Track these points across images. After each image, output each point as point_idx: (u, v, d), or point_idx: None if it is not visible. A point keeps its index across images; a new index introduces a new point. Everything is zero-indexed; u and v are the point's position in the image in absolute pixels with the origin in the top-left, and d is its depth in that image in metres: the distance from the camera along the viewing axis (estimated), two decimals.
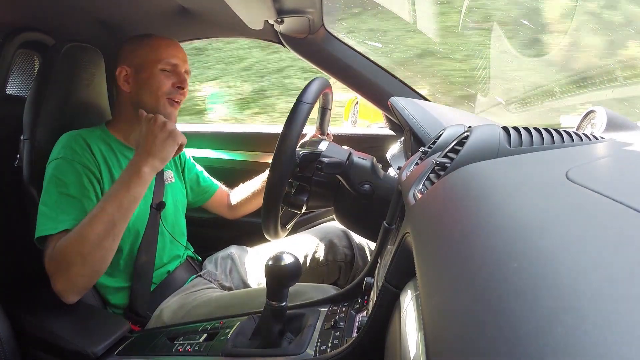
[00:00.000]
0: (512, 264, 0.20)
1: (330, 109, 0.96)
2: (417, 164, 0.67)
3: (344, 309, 0.68)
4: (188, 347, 0.67)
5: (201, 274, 1.05)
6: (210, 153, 1.49)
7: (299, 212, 0.87)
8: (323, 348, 0.57)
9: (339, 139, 1.19)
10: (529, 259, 0.20)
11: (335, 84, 1.29)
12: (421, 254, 0.32)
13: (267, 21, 1.07)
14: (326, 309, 0.70)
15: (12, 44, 0.97)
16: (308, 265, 1.06)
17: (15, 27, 0.97)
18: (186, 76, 0.96)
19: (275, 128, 1.52)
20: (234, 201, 1.19)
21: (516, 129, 0.47)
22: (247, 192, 1.16)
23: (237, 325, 0.69)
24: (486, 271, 0.21)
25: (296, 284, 0.64)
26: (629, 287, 0.16)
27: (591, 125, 0.80)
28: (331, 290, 0.88)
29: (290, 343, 0.62)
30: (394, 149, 1.21)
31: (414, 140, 0.90)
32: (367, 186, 0.82)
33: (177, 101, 0.95)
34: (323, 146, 0.84)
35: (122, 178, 0.79)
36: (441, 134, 0.70)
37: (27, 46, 1.02)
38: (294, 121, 0.72)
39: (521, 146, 0.45)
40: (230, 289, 1.04)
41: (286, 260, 0.59)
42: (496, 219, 0.26)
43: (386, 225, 0.69)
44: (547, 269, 0.18)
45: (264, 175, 1.13)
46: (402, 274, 0.42)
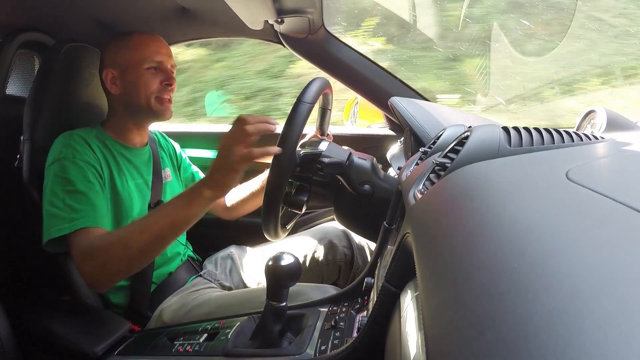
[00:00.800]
0: (512, 264, 0.20)
1: (330, 109, 0.96)
2: (417, 164, 0.67)
3: (344, 309, 0.68)
4: (188, 347, 0.67)
5: (201, 274, 1.05)
6: (208, 153, 1.48)
7: (299, 212, 0.87)
8: (323, 348, 0.57)
9: (339, 139, 1.19)
10: (529, 259, 0.20)
11: (335, 84, 1.29)
12: (421, 254, 0.32)
13: (267, 21, 1.07)
14: (326, 309, 0.70)
15: (12, 44, 0.97)
16: (308, 265, 1.06)
17: (15, 27, 0.97)
18: (173, 71, 0.96)
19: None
20: (229, 202, 1.18)
21: (516, 129, 0.47)
22: (244, 193, 1.16)
23: (237, 325, 0.69)
24: (486, 271, 0.21)
25: (296, 284, 0.64)
26: (629, 287, 0.16)
27: (591, 125, 0.80)
28: (331, 290, 0.88)
29: (290, 343, 0.62)
30: (394, 149, 1.21)
31: (414, 140, 0.90)
32: (367, 186, 0.82)
33: (167, 98, 0.94)
34: (323, 146, 0.84)
35: (182, 196, 0.75)
36: (441, 134, 0.70)
37: (27, 46, 1.02)
38: (294, 121, 0.72)
39: (521, 146, 0.45)
40: (230, 288, 1.04)
41: (286, 261, 0.59)
42: (496, 219, 0.26)
43: (386, 226, 0.69)
44: (547, 269, 0.18)
45: (262, 176, 1.13)
46: (402, 274, 0.42)
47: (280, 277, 0.59)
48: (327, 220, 1.29)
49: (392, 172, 1.13)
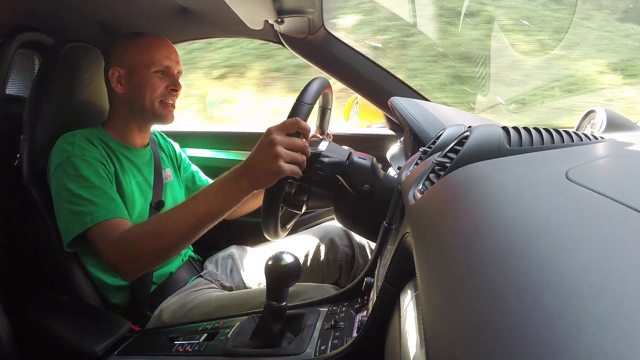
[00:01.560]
0: (512, 263, 0.20)
1: (330, 109, 0.96)
2: (417, 163, 0.67)
3: (344, 309, 0.68)
4: (188, 347, 0.67)
5: (202, 274, 1.05)
6: (208, 153, 1.48)
7: (299, 213, 0.87)
8: (323, 348, 0.58)
9: (339, 139, 1.19)
10: (528, 258, 0.20)
11: (335, 84, 1.29)
12: (421, 254, 0.32)
13: (267, 21, 1.07)
14: (326, 309, 0.70)
15: (12, 44, 0.97)
16: (309, 264, 1.06)
17: (15, 27, 0.97)
18: (179, 76, 0.97)
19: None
20: None
21: (516, 129, 0.47)
22: None
23: (237, 325, 0.69)
24: (486, 271, 0.21)
25: (296, 283, 0.64)
26: (629, 287, 0.16)
27: (591, 125, 0.80)
28: (331, 289, 0.88)
29: (290, 343, 0.62)
30: (394, 149, 1.21)
31: (414, 140, 0.90)
32: (367, 186, 0.82)
33: (171, 103, 0.95)
34: (323, 146, 0.84)
35: (219, 185, 0.73)
36: (441, 134, 0.70)
37: (27, 46, 1.02)
38: None
39: (521, 146, 0.45)
40: (230, 288, 1.04)
41: (286, 260, 0.59)
42: (496, 219, 0.26)
43: (386, 225, 0.69)
44: (546, 269, 0.18)
45: None
46: (402, 274, 0.42)
47: (280, 277, 0.59)
48: (328, 219, 1.29)
49: (392, 171, 1.13)
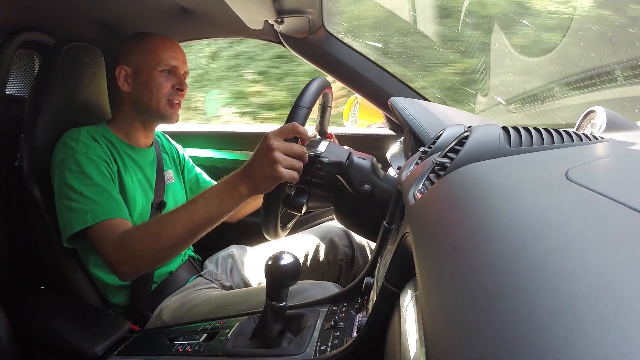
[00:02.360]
0: (512, 264, 0.20)
1: (331, 107, 0.96)
2: (417, 164, 0.67)
3: (343, 309, 0.68)
4: (188, 347, 0.67)
5: (202, 273, 1.05)
6: (209, 153, 1.49)
7: (298, 214, 0.87)
8: (323, 348, 0.57)
9: (339, 139, 1.19)
10: (528, 259, 0.20)
11: (335, 83, 1.28)
12: (421, 253, 0.32)
13: (267, 21, 1.07)
14: (326, 309, 0.70)
15: (12, 44, 0.97)
16: (308, 264, 1.06)
17: (15, 27, 0.97)
18: (186, 77, 0.97)
19: (275, 128, 1.51)
20: None
21: (516, 129, 0.47)
22: None
23: (237, 325, 0.69)
24: (486, 271, 0.21)
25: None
26: (628, 287, 0.16)
27: (591, 125, 0.80)
28: (331, 287, 0.88)
29: (290, 343, 0.62)
30: (394, 149, 1.21)
31: (414, 140, 0.90)
32: (367, 186, 0.82)
33: (177, 102, 0.95)
34: (323, 146, 0.84)
35: (217, 190, 0.73)
36: (441, 134, 0.70)
37: (27, 46, 1.02)
38: None
39: (521, 146, 0.45)
40: (230, 288, 1.04)
41: (286, 260, 0.59)
42: (496, 219, 0.26)
43: (386, 225, 0.69)
44: (546, 269, 0.18)
45: None
46: (402, 273, 0.42)
47: (280, 276, 0.59)
48: (328, 219, 1.29)
49: (392, 172, 1.13)
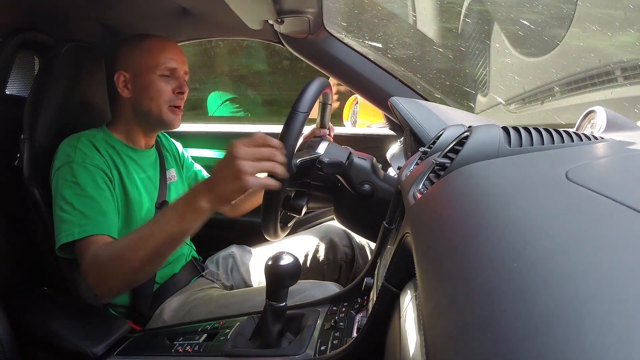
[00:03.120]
0: (512, 264, 0.20)
1: (330, 104, 0.97)
2: (417, 164, 0.67)
3: (343, 309, 0.68)
4: (188, 348, 0.67)
5: (203, 274, 1.05)
6: (210, 153, 1.49)
7: (298, 216, 0.87)
8: (323, 348, 0.57)
9: (339, 139, 1.19)
10: (528, 259, 0.20)
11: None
12: (421, 254, 0.32)
13: (267, 21, 1.07)
14: (326, 309, 0.70)
15: (12, 44, 0.97)
16: (309, 264, 1.06)
17: (15, 27, 0.97)
18: (186, 77, 0.96)
19: (275, 128, 1.52)
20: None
21: (516, 129, 0.47)
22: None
23: (236, 325, 0.69)
24: (486, 271, 0.21)
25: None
26: (628, 287, 0.16)
27: (591, 125, 0.80)
28: (332, 286, 0.88)
29: (290, 343, 0.62)
30: (394, 149, 1.21)
31: (414, 140, 0.90)
32: (367, 186, 0.82)
33: (178, 106, 0.94)
34: (322, 147, 0.84)
35: (176, 207, 0.71)
36: (441, 134, 0.69)
37: (27, 46, 1.02)
38: (288, 133, 0.71)
39: (521, 146, 0.45)
40: (231, 287, 1.04)
41: (285, 261, 0.59)
42: (496, 219, 0.26)
43: (386, 225, 0.69)
44: (546, 269, 0.18)
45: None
46: (402, 274, 0.42)
47: (280, 277, 0.59)
48: (328, 219, 1.29)
49: (392, 172, 1.13)
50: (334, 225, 1.14)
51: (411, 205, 0.45)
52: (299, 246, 1.08)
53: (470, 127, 0.53)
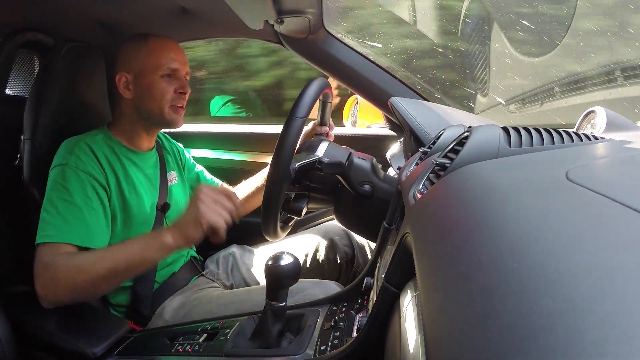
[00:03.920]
0: (512, 264, 0.20)
1: (331, 102, 0.97)
2: (417, 164, 0.67)
3: (343, 309, 0.68)
4: (188, 347, 0.67)
5: (203, 273, 1.05)
6: (210, 153, 1.49)
7: (298, 217, 0.87)
8: (323, 348, 0.57)
9: (339, 139, 1.19)
10: (528, 259, 0.20)
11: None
12: (421, 254, 0.32)
13: (267, 21, 1.07)
14: (326, 309, 0.70)
15: (12, 44, 0.97)
16: (309, 264, 1.06)
17: (15, 27, 0.97)
18: (187, 78, 0.96)
19: (275, 128, 1.52)
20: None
21: (516, 129, 0.47)
22: (248, 189, 1.16)
23: (237, 325, 0.69)
24: (486, 271, 0.21)
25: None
26: (628, 287, 0.16)
27: (591, 126, 0.80)
28: (332, 285, 0.88)
29: (290, 343, 0.62)
30: (394, 149, 1.21)
31: (414, 141, 0.90)
32: (367, 186, 0.82)
33: (181, 106, 0.94)
34: (322, 148, 0.84)
35: (145, 237, 0.78)
36: (441, 134, 0.69)
37: (27, 46, 1.02)
38: (286, 139, 0.71)
39: (521, 146, 0.45)
40: (231, 287, 1.04)
41: (286, 261, 0.59)
42: (496, 219, 0.26)
43: (386, 226, 0.69)
44: (546, 269, 0.18)
45: (265, 171, 1.13)
46: (402, 274, 0.42)
47: (280, 277, 0.59)
48: (328, 219, 1.29)
49: (392, 172, 1.13)
50: (334, 225, 1.14)
51: (411, 206, 0.45)
52: (299, 246, 1.08)
53: (470, 127, 0.53)
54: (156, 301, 0.93)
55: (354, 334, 0.59)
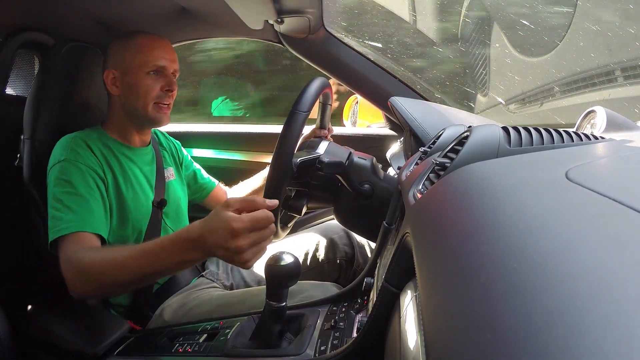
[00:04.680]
0: (512, 264, 0.20)
1: (330, 104, 0.97)
2: (417, 164, 0.67)
3: (343, 309, 0.68)
4: (188, 348, 0.67)
5: (203, 273, 1.05)
6: (209, 153, 1.49)
7: (298, 216, 0.87)
8: (323, 348, 0.57)
9: (339, 139, 1.19)
10: (528, 259, 0.20)
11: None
12: (421, 254, 0.32)
13: (267, 21, 1.07)
14: (326, 309, 0.70)
15: (12, 44, 0.97)
16: (309, 264, 1.06)
17: (15, 27, 0.97)
18: (175, 75, 0.95)
19: (275, 128, 1.52)
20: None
21: (516, 129, 0.47)
22: (247, 189, 1.16)
23: (237, 325, 0.69)
24: (486, 271, 0.21)
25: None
26: (628, 287, 0.16)
27: (591, 125, 0.80)
28: (332, 287, 0.88)
29: (290, 343, 0.62)
30: (394, 149, 1.21)
31: (414, 140, 0.90)
32: (367, 186, 0.82)
33: (166, 104, 0.93)
34: (322, 147, 0.84)
35: (175, 247, 0.64)
36: (441, 134, 0.69)
37: (27, 46, 1.02)
38: (289, 132, 0.71)
39: (521, 146, 0.45)
40: (231, 287, 1.04)
41: (285, 261, 0.59)
42: (496, 219, 0.26)
43: (386, 225, 0.69)
44: (546, 269, 0.18)
45: (264, 172, 1.13)
46: (402, 274, 0.42)
47: (280, 277, 0.59)
48: (328, 219, 1.29)
49: (392, 172, 1.13)
50: (334, 225, 1.14)
51: (411, 205, 0.45)
52: (299, 246, 1.08)
53: (470, 127, 0.53)
54: (157, 301, 0.93)
55: (354, 334, 0.58)
